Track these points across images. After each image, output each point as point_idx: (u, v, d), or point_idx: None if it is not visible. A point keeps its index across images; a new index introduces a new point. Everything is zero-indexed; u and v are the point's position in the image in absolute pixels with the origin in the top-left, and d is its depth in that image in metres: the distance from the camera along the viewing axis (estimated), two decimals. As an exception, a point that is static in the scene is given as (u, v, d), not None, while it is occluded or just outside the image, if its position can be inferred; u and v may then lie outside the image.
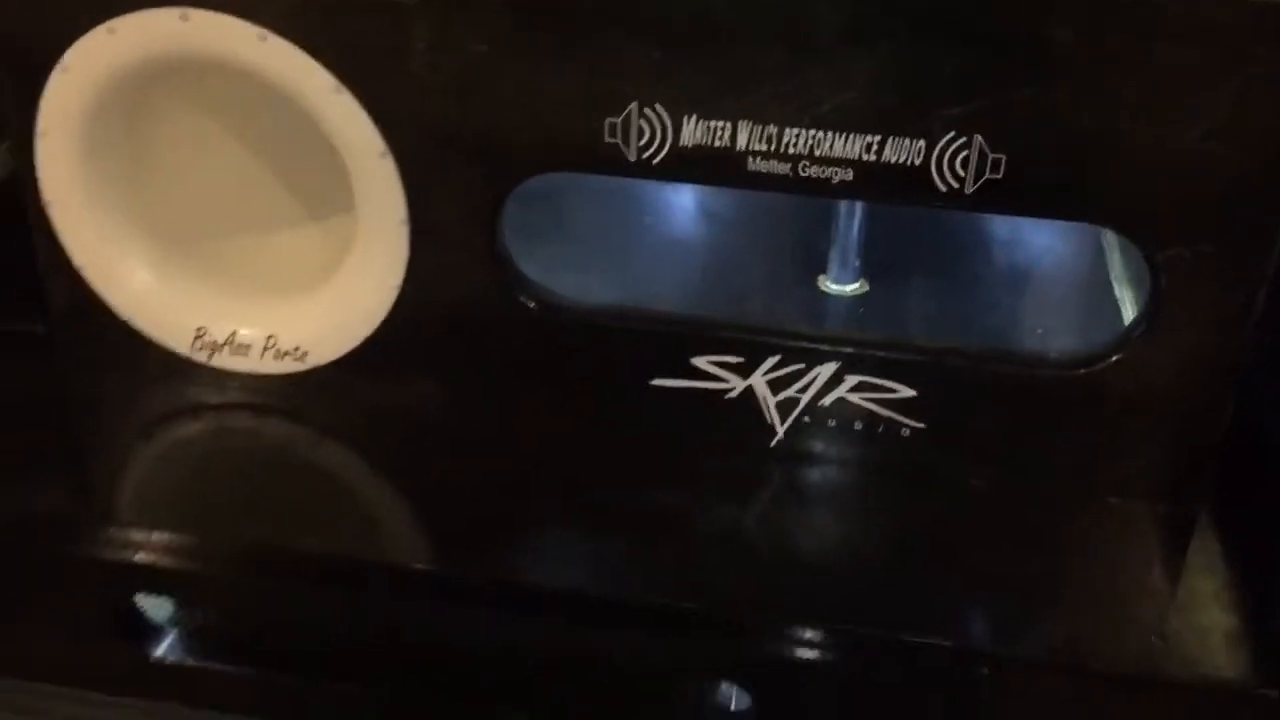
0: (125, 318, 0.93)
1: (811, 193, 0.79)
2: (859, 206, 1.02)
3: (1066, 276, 1.07)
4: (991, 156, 0.76)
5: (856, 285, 1.07)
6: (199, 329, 0.93)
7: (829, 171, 0.78)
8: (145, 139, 0.91)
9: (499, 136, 0.81)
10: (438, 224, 0.85)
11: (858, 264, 1.03)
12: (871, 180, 0.78)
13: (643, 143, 0.79)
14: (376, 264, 0.87)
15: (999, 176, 0.76)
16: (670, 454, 0.89)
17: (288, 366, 0.93)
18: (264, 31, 0.80)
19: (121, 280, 0.92)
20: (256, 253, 0.97)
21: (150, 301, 0.93)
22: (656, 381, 0.88)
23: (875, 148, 0.77)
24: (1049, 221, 1.05)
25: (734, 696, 0.83)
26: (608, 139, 0.80)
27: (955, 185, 0.77)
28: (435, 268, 0.87)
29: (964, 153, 0.76)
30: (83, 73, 0.84)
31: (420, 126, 0.82)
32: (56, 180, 0.88)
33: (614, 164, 0.81)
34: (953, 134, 0.76)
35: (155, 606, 0.88)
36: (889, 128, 0.76)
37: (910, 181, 0.77)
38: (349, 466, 0.92)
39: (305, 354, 0.92)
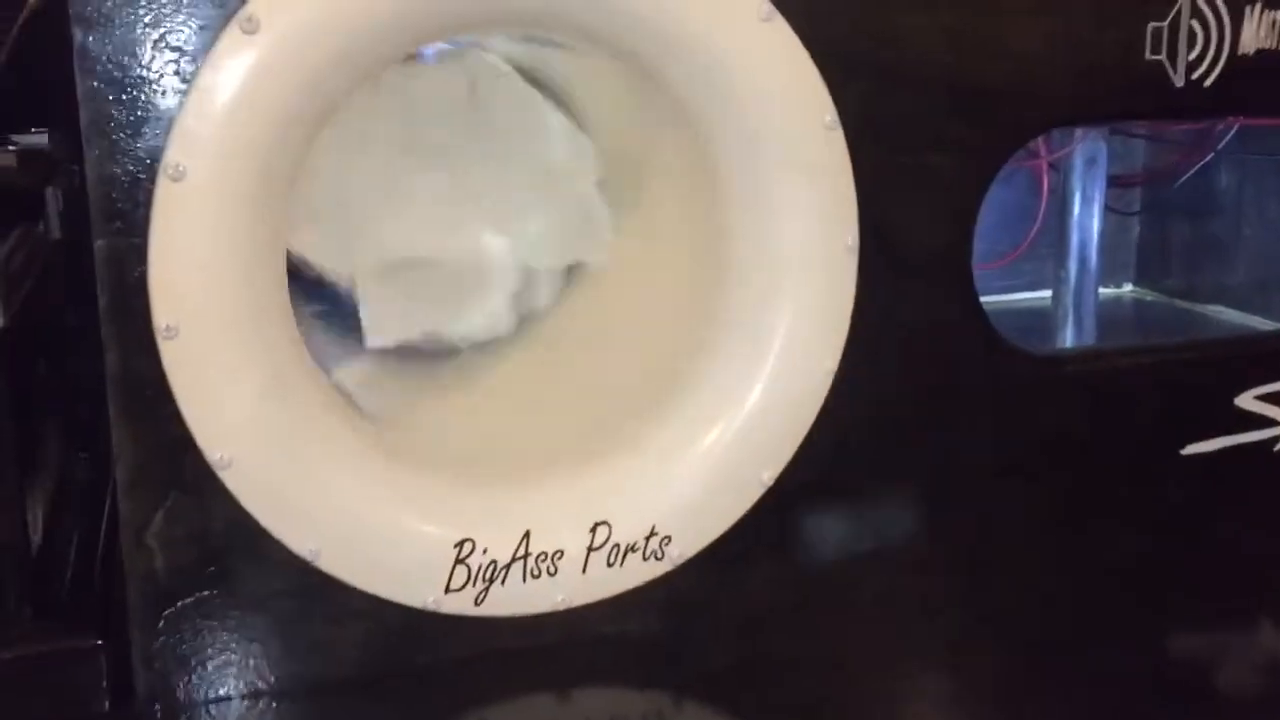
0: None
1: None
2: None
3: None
4: None
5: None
6: (460, 541, 0.48)
7: None
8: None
9: (1008, 82, 0.52)
10: (901, 238, 0.52)
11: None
12: None
13: (1193, 55, 0.54)
14: (801, 333, 0.51)
15: None
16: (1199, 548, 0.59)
17: (639, 573, 0.50)
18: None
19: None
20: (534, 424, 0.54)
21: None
22: (1189, 449, 0.58)
23: None
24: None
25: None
26: (1149, 55, 0.54)
27: None
28: (895, 315, 0.52)
29: None
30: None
31: (895, 77, 0.50)
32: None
33: (1155, 94, 0.54)
34: None
35: None
36: None
37: None
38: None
39: (668, 538, 0.50)
